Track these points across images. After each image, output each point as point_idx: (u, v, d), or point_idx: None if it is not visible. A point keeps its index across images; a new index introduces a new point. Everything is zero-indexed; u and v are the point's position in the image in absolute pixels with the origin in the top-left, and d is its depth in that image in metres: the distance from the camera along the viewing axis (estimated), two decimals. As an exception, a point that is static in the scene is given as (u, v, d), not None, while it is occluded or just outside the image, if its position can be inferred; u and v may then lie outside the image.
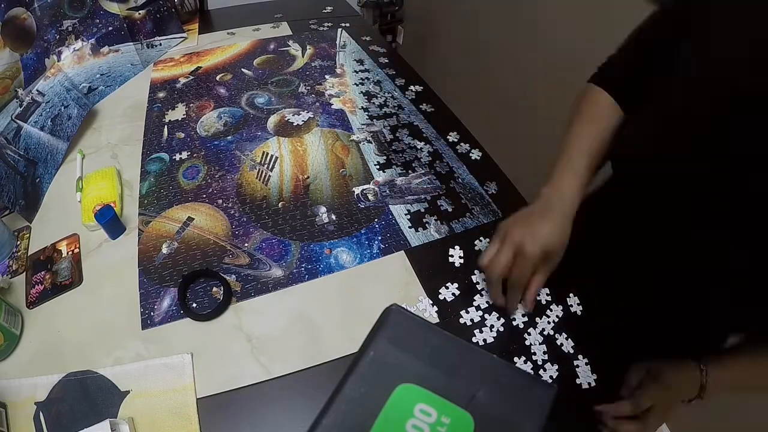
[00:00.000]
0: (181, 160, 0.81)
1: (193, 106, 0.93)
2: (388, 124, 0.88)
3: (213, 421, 0.51)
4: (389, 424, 0.29)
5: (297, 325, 0.59)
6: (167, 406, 0.52)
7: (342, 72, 1.03)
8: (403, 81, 0.99)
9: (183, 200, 0.74)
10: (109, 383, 0.54)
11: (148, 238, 0.69)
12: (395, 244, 0.68)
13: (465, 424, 0.29)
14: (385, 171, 0.79)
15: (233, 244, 0.68)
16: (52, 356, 0.56)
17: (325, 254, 0.67)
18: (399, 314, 0.34)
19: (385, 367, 0.31)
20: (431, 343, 0.33)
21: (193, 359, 0.56)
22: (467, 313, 0.60)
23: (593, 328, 0.58)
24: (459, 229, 0.70)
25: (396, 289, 0.63)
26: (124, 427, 0.48)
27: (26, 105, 0.80)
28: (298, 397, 0.53)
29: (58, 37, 0.92)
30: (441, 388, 0.30)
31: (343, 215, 0.72)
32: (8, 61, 0.80)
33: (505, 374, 0.32)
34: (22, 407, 0.52)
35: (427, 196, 0.75)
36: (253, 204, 0.74)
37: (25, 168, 0.75)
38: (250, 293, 0.62)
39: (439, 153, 0.82)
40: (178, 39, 1.14)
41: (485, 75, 1.64)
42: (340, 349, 0.57)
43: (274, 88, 0.98)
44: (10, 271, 0.66)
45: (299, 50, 1.10)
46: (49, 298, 0.62)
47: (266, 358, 0.56)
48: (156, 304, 0.61)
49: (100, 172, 0.77)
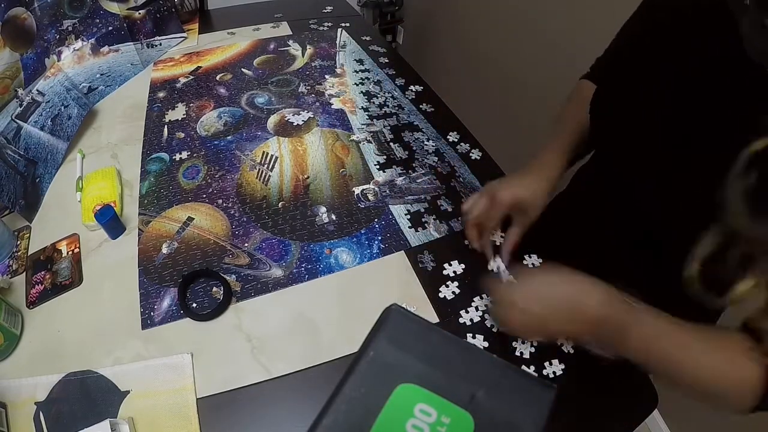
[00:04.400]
0: (181, 160, 0.81)
1: (193, 105, 0.93)
2: (388, 124, 0.88)
3: (213, 421, 0.51)
4: (389, 424, 0.29)
5: (297, 325, 0.59)
6: (167, 406, 0.52)
7: (342, 72, 1.03)
8: (403, 81, 0.99)
9: (183, 200, 0.74)
10: (109, 383, 0.54)
11: (148, 238, 0.69)
12: (395, 244, 0.68)
13: (465, 424, 0.29)
14: (385, 171, 0.79)
15: (233, 244, 0.68)
16: (52, 356, 0.57)
17: (325, 254, 0.67)
18: (399, 314, 0.34)
19: (385, 367, 0.31)
20: (431, 343, 0.33)
21: (193, 359, 0.56)
22: (467, 313, 0.60)
23: None
24: (458, 228, 0.70)
25: (396, 289, 0.63)
26: (124, 427, 0.48)
27: (26, 105, 0.80)
28: (298, 397, 0.53)
29: (58, 37, 0.92)
30: (441, 388, 0.30)
31: (343, 215, 0.72)
32: (8, 61, 0.80)
33: (505, 374, 0.32)
34: (22, 407, 0.52)
35: (427, 196, 0.75)
36: (253, 204, 0.74)
37: (25, 168, 0.75)
38: (250, 293, 0.62)
39: (441, 153, 0.82)
40: (178, 39, 1.14)
41: (485, 75, 1.64)
42: (340, 349, 0.57)
43: (274, 88, 0.98)
44: (10, 271, 0.66)
45: (299, 50, 1.10)
46: (49, 298, 0.62)
47: (266, 358, 0.56)
48: (156, 304, 0.61)
49: (100, 171, 0.77)
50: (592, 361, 0.57)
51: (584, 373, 0.56)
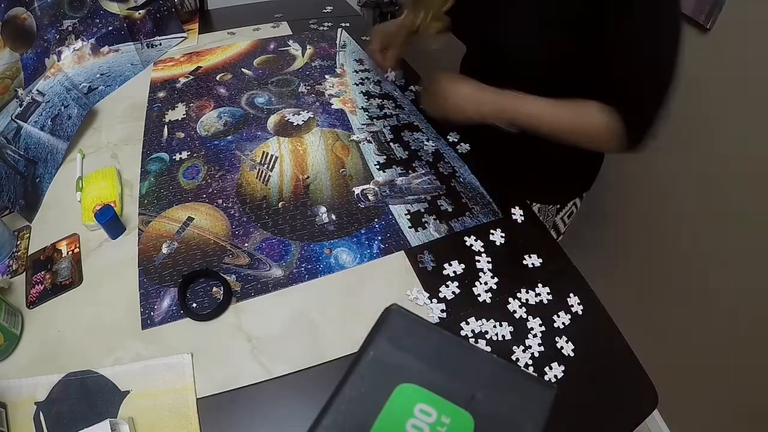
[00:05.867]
0: (181, 159, 0.81)
1: (193, 105, 0.93)
2: (388, 124, 0.88)
3: (213, 421, 0.51)
4: (389, 424, 0.29)
5: (297, 325, 0.59)
6: (167, 406, 0.52)
7: (342, 72, 1.03)
8: (403, 81, 0.99)
9: (183, 200, 0.74)
10: (109, 383, 0.54)
11: (148, 238, 0.69)
12: (395, 244, 0.68)
13: (465, 423, 0.29)
14: (385, 171, 0.79)
15: (233, 244, 0.68)
16: (52, 356, 0.57)
17: (325, 254, 0.67)
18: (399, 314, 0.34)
19: (385, 367, 0.31)
20: (431, 343, 0.33)
21: (193, 359, 0.56)
22: (467, 313, 0.60)
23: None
24: (458, 228, 0.70)
25: (396, 289, 0.63)
26: (124, 427, 0.48)
27: (26, 105, 0.80)
28: (298, 397, 0.53)
29: (58, 37, 0.92)
30: (441, 388, 0.30)
31: (343, 215, 0.72)
32: (8, 61, 0.80)
33: (505, 374, 0.32)
34: (22, 407, 0.52)
35: (427, 196, 0.75)
36: (253, 204, 0.74)
37: (25, 168, 0.75)
38: (250, 293, 0.62)
39: (441, 153, 0.82)
40: (178, 39, 1.14)
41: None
42: (340, 349, 0.57)
43: (274, 88, 0.98)
44: (10, 271, 0.66)
45: (299, 50, 1.10)
46: (49, 298, 0.62)
47: (266, 358, 0.56)
48: (156, 304, 0.61)
49: (100, 171, 0.77)
50: (592, 361, 0.58)
51: (584, 373, 0.56)
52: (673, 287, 1.12)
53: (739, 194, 0.90)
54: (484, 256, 0.66)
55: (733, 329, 0.99)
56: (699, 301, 1.06)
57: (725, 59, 0.84)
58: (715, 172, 0.94)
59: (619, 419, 0.55)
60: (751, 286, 0.92)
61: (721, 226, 0.96)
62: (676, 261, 1.10)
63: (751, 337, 0.95)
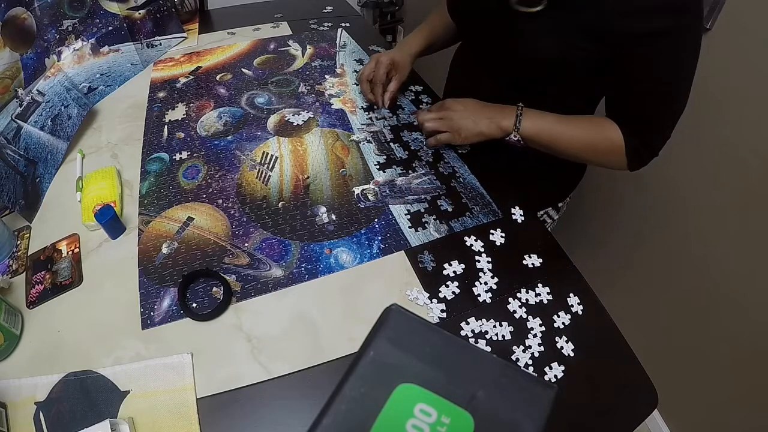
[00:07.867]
0: (181, 159, 0.81)
1: (193, 105, 0.93)
2: (388, 124, 0.88)
3: (213, 421, 0.51)
4: (389, 424, 0.28)
5: (297, 325, 0.59)
6: (167, 406, 0.52)
7: (342, 72, 1.03)
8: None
9: (183, 200, 0.74)
10: (109, 383, 0.54)
11: (148, 238, 0.69)
12: (395, 244, 0.68)
13: (465, 423, 0.29)
14: (385, 171, 0.79)
15: (233, 244, 0.68)
16: (52, 356, 0.56)
17: (325, 254, 0.67)
18: (399, 314, 0.34)
19: (385, 367, 0.31)
20: (431, 343, 0.32)
21: (193, 359, 0.56)
22: (467, 324, 0.60)
23: None
24: (458, 228, 0.70)
25: (396, 289, 0.63)
26: (124, 427, 0.48)
27: (26, 105, 0.80)
28: (298, 397, 0.53)
29: (58, 37, 0.92)
30: (441, 388, 0.30)
31: (343, 215, 0.72)
32: (8, 61, 0.80)
33: (506, 374, 0.32)
34: (22, 407, 0.52)
35: (427, 196, 0.75)
36: (253, 204, 0.74)
37: (25, 168, 0.75)
38: (250, 293, 0.62)
39: (441, 153, 0.82)
40: (178, 39, 1.14)
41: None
42: (340, 349, 0.57)
43: (274, 88, 0.98)
44: (10, 271, 0.66)
45: (299, 50, 1.10)
46: (49, 298, 0.62)
47: (266, 358, 0.56)
48: (156, 304, 0.61)
49: (100, 171, 0.77)
50: (592, 361, 0.58)
51: (584, 373, 0.56)
52: (674, 287, 1.12)
53: (739, 194, 0.91)
54: (484, 256, 0.66)
55: (733, 329, 0.99)
56: (699, 301, 1.06)
57: (725, 59, 0.84)
58: (716, 171, 0.94)
59: (619, 419, 0.55)
60: (752, 286, 0.92)
61: (721, 226, 0.96)
62: (676, 261, 1.10)
63: (752, 336, 0.95)
